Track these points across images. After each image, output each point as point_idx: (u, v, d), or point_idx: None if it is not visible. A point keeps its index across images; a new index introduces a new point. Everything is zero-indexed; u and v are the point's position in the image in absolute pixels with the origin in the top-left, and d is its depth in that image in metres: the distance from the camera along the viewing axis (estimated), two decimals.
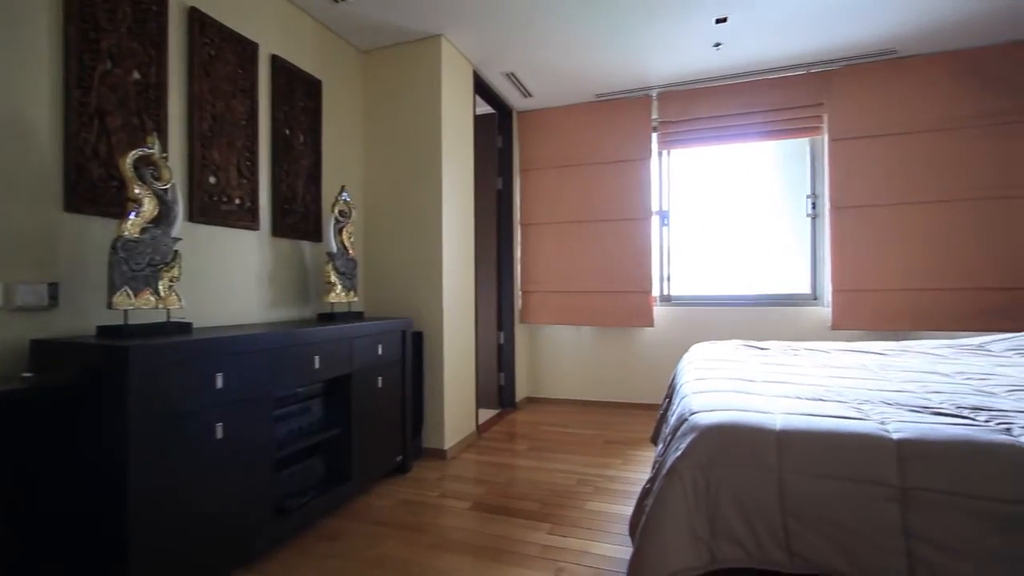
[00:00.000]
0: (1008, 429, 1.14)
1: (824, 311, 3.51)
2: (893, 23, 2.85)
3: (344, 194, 2.58)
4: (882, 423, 1.21)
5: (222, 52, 2.18)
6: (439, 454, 2.89)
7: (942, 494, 1.05)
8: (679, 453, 1.26)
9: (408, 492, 2.43)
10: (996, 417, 1.22)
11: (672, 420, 1.51)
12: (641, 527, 1.25)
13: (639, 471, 2.62)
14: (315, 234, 2.71)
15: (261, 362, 1.77)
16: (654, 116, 3.84)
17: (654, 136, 3.87)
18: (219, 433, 1.59)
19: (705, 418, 1.31)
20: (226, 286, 2.20)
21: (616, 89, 3.76)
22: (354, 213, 2.69)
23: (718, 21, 2.81)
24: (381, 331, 2.49)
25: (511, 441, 3.23)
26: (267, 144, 2.44)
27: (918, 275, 3.22)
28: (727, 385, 1.63)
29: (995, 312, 3.08)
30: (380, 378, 2.46)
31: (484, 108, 3.85)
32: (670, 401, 2.09)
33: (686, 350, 2.67)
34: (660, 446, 1.54)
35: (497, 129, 4.02)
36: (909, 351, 2.32)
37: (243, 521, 1.69)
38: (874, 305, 3.30)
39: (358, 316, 2.63)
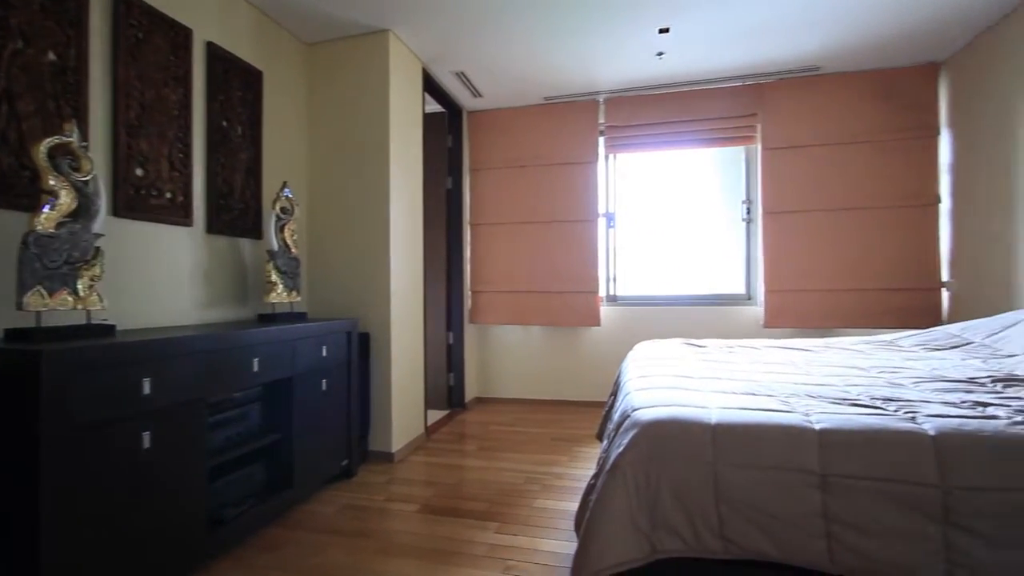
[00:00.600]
0: (913, 417, 1.25)
1: (757, 310, 3.72)
2: (816, 42, 3.06)
3: (286, 190, 2.49)
4: (806, 415, 1.30)
5: (151, 36, 2.04)
6: (386, 457, 2.84)
7: (856, 479, 1.14)
8: (621, 449, 1.30)
9: (353, 497, 2.37)
10: (904, 407, 1.34)
11: (616, 416, 1.56)
12: (585, 522, 1.28)
13: (585, 467, 2.68)
14: (255, 231, 2.59)
15: (193, 366, 1.67)
16: (601, 120, 3.93)
17: (601, 140, 3.96)
18: (146, 443, 1.49)
19: (646, 414, 1.35)
20: (156, 286, 2.07)
21: (564, 92, 3.82)
22: (297, 210, 2.59)
23: (661, 31, 2.91)
24: (325, 332, 2.41)
25: (460, 442, 3.22)
26: (202, 136, 2.31)
27: (840, 277, 3.48)
28: (667, 382, 1.69)
29: (905, 310, 3.37)
30: (324, 380, 2.39)
31: (434, 107, 3.82)
32: (615, 398, 2.14)
33: (631, 348, 2.75)
34: (605, 442, 1.58)
35: (447, 128, 3.99)
36: (832, 347, 2.49)
37: (175, 535, 1.59)
38: (802, 305, 3.54)
39: (301, 317, 2.54)
